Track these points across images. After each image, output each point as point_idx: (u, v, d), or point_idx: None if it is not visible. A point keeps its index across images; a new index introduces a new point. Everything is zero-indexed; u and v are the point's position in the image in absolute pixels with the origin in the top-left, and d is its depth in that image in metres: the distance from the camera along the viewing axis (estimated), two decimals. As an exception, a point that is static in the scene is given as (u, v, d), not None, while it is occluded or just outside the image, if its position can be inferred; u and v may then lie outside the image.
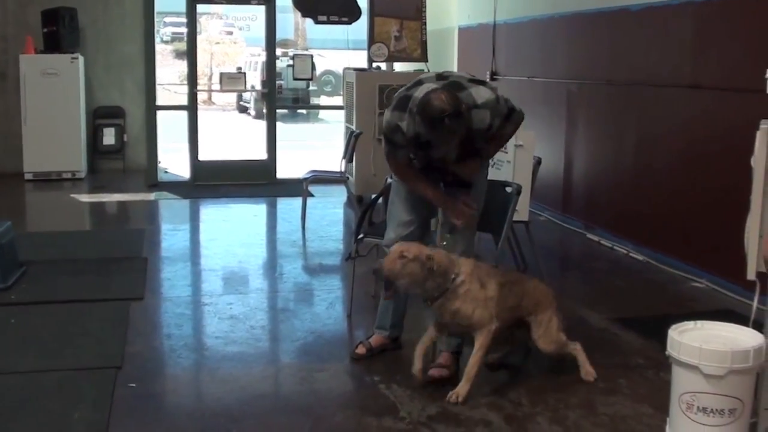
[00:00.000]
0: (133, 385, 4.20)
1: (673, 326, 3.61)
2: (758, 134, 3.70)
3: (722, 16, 6.13)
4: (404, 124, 4.11)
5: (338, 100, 17.13)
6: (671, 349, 3.53)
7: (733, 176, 5.45)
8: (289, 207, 9.17)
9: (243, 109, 21.77)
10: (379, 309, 4.70)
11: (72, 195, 9.81)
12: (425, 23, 9.82)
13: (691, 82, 6.45)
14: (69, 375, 4.29)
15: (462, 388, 4.06)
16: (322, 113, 21.66)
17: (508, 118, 4.28)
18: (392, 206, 4.55)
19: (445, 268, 3.99)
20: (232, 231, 8.07)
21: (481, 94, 4.12)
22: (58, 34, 10.55)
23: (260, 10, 11.08)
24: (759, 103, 5.28)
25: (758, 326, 3.64)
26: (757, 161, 3.76)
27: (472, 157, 4.32)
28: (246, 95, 20.57)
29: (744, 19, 5.90)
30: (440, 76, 4.29)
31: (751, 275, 3.87)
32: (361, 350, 4.61)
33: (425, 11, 9.81)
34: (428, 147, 4.18)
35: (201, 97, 21.38)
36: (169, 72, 21.99)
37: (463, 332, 4.27)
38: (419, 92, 4.09)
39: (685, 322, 3.67)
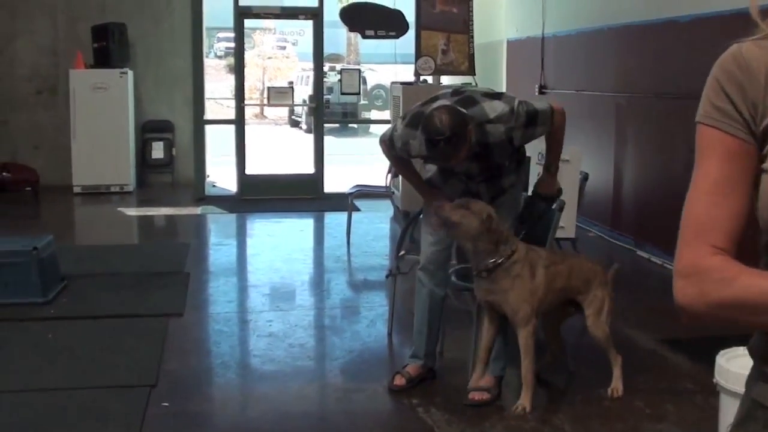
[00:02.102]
0: (167, 404, 4.16)
1: (722, 352, 3.46)
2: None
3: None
4: (415, 143, 4.03)
5: (389, 115, 17.14)
6: (719, 377, 3.38)
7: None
8: (335, 222, 9.13)
9: (295, 123, 21.86)
10: (414, 334, 4.57)
11: (119, 208, 9.89)
12: (472, 36, 9.72)
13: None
14: (102, 392, 4.27)
15: (525, 398, 4.02)
16: (373, 127, 21.66)
17: (532, 123, 4.15)
18: (423, 224, 4.48)
19: (501, 234, 3.96)
20: (277, 246, 8.04)
21: (494, 108, 4.02)
22: (108, 49, 10.66)
23: (309, 25, 11.09)
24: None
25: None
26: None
27: (498, 173, 4.26)
28: (298, 109, 20.64)
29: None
30: (456, 92, 4.21)
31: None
32: (400, 381, 4.41)
33: (473, 24, 9.72)
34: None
35: (253, 111, 21.58)
36: (222, 86, 22.16)
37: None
38: (430, 109, 4.00)
39: (734, 348, 3.51)
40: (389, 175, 8.39)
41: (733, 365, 3.35)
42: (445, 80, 10.21)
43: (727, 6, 6.39)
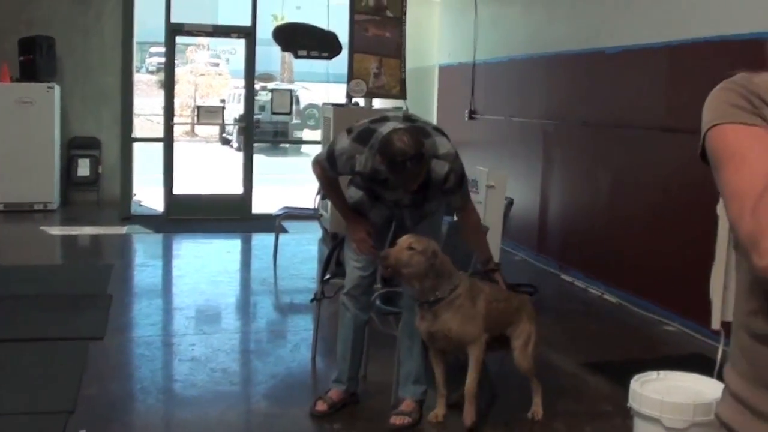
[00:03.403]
0: (84, 431, 4.08)
1: (636, 377, 3.54)
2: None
3: (696, 59, 6.12)
4: (362, 158, 4.07)
5: (320, 135, 17.10)
6: (633, 401, 3.46)
7: (705, 221, 5.40)
8: (262, 243, 9.08)
9: (226, 141, 21.74)
10: (337, 357, 4.57)
11: (42, 227, 9.70)
12: (404, 61, 9.80)
13: (665, 125, 6.42)
14: (19, 418, 4.18)
15: (468, 411, 4.08)
16: (305, 147, 21.65)
17: (461, 183, 4.22)
18: (347, 249, 4.49)
19: (446, 270, 4.02)
20: (203, 267, 7.96)
21: (443, 145, 4.11)
22: (35, 62, 10.48)
23: (242, 43, 11.04)
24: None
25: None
26: (722, 209, 3.70)
27: (425, 205, 4.31)
28: (229, 127, 20.55)
29: (718, 62, 5.89)
30: (408, 118, 4.25)
31: (715, 325, 3.81)
32: (322, 407, 4.40)
33: (405, 49, 9.80)
34: (384, 185, 4.15)
35: (183, 128, 21.37)
36: (154, 102, 21.95)
37: (454, 349, 4.18)
38: (384, 129, 4.04)
39: (648, 373, 3.60)
40: (318, 197, 8.38)
41: (646, 389, 3.43)
42: (377, 103, 10.27)
43: (653, 39, 6.57)
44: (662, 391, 3.42)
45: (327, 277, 5.15)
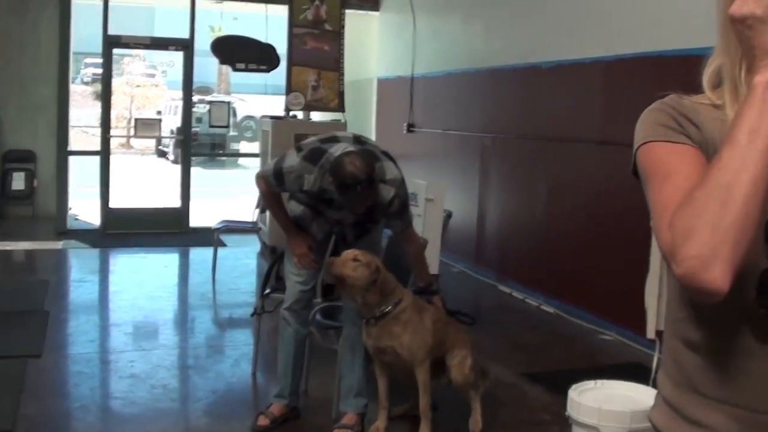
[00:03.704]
0: (22, 450, 4.04)
1: (574, 386, 3.61)
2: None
3: (630, 74, 6.26)
4: (311, 178, 4.09)
5: (258, 148, 16.95)
6: (571, 410, 3.53)
7: (640, 233, 5.51)
8: (200, 257, 9.01)
9: (162, 154, 21.52)
10: (278, 372, 4.58)
11: (-25, 242, 9.52)
12: (343, 74, 9.83)
13: (600, 138, 6.55)
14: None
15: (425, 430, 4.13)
16: (242, 159, 21.55)
17: (405, 208, 4.27)
18: (288, 263, 4.50)
19: (389, 286, 4.05)
20: (141, 282, 7.88)
21: (390, 170, 4.17)
22: (-32, 75, 10.30)
23: (179, 56, 10.98)
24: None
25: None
26: (656, 223, 3.80)
27: (368, 226, 4.38)
28: (166, 139, 20.37)
29: (651, 77, 6.03)
30: (358, 140, 4.29)
31: (650, 334, 3.91)
32: (263, 422, 4.41)
33: (343, 62, 9.83)
34: (329, 204, 4.18)
35: (119, 140, 21.11)
36: (88, 114, 21.66)
37: (402, 364, 4.20)
38: (335, 150, 4.07)
39: (585, 382, 3.67)
40: (257, 211, 8.36)
41: (584, 398, 3.50)
42: (315, 116, 10.28)
43: (587, 55, 6.70)
44: (600, 400, 3.50)
45: (267, 291, 5.15)
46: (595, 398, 3.53)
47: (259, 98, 21.25)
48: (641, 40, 6.12)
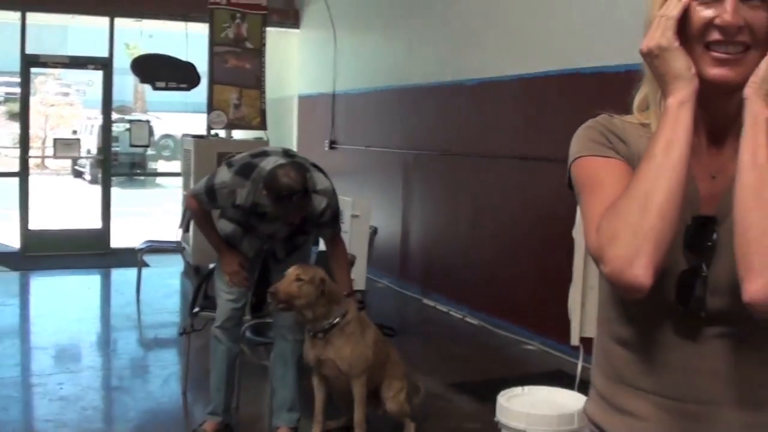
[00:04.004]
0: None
1: (502, 392, 3.72)
2: (578, 207, 3.87)
3: (549, 91, 6.45)
4: (243, 192, 4.14)
5: (177, 165, 16.80)
6: (500, 416, 3.63)
7: (562, 244, 5.67)
8: (123, 278, 8.90)
9: (78, 174, 21.16)
10: (211, 389, 4.60)
11: None
12: (264, 92, 9.86)
13: (521, 154, 6.72)
14: None
15: None
16: (161, 178, 21.34)
17: (336, 218, 4.36)
18: (218, 281, 4.54)
19: (335, 295, 4.13)
20: (64, 305, 7.77)
21: (321, 180, 4.26)
22: None
23: (98, 75, 10.86)
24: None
25: (584, 387, 3.78)
26: (578, 233, 3.95)
27: (297, 237, 4.46)
28: (82, 159, 20.03)
29: (569, 93, 6.22)
30: (287, 153, 4.36)
31: (575, 341, 4.04)
32: None
33: (265, 80, 9.87)
34: (262, 218, 4.24)
35: (35, 161, 20.68)
36: (1, 134, 21.19)
37: (336, 378, 4.26)
38: (266, 164, 4.14)
39: (513, 388, 3.78)
40: (180, 230, 8.33)
41: (513, 404, 3.62)
42: (237, 134, 10.29)
43: (508, 72, 6.87)
44: (527, 405, 3.62)
45: (196, 310, 5.16)
46: (522, 403, 3.64)
47: (176, 116, 21.08)
48: (560, 58, 6.31)
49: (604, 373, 1.58)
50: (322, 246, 4.88)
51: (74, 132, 19.96)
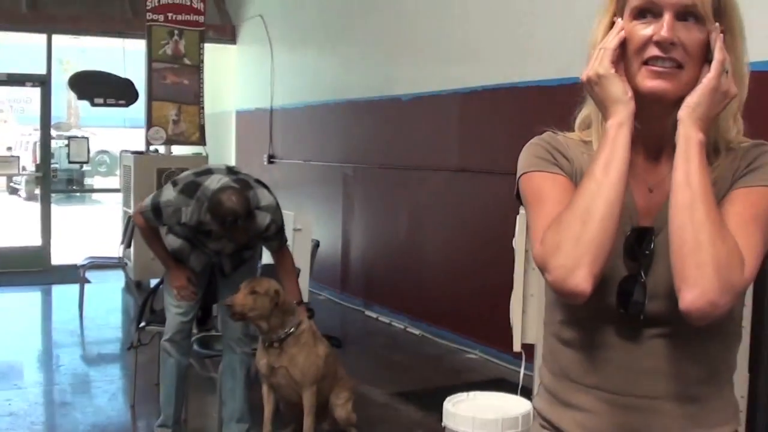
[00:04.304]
0: None
1: (448, 398, 3.84)
2: (518, 218, 4.05)
3: (484, 104, 6.63)
4: (188, 210, 4.22)
5: (113, 180, 16.67)
6: (446, 421, 3.75)
7: (500, 253, 5.81)
8: (65, 295, 8.86)
9: (14, 191, 20.84)
10: (161, 402, 4.66)
11: None
12: (203, 108, 9.91)
13: (458, 167, 6.88)
14: None
15: None
16: (100, 195, 21.14)
17: (281, 231, 4.47)
18: (167, 296, 4.61)
19: (289, 305, 4.26)
20: (5, 323, 7.72)
21: (265, 196, 4.34)
22: None
23: (36, 92, 10.80)
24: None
25: (526, 393, 3.95)
26: (517, 243, 4.11)
27: (247, 252, 4.58)
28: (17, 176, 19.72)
29: (504, 107, 6.41)
30: (231, 170, 4.45)
31: (516, 347, 4.19)
32: None
33: (203, 96, 9.92)
34: (208, 235, 4.32)
35: (-36, 178, 20.29)
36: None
37: (286, 387, 4.34)
38: (210, 182, 4.22)
39: (459, 394, 3.91)
40: (122, 246, 8.33)
41: (459, 409, 3.75)
42: (176, 150, 10.32)
43: (443, 87, 7.04)
44: (473, 410, 3.75)
45: (143, 324, 5.22)
46: (468, 408, 3.77)
47: (111, 132, 20.92)
48: (495, 73, 6.48)
49: (550, 371, 1.70)
50: (266, 259, 4.99)
51: (9, 149, 19.64)
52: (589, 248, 1.46)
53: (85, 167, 18.72)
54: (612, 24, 1.57)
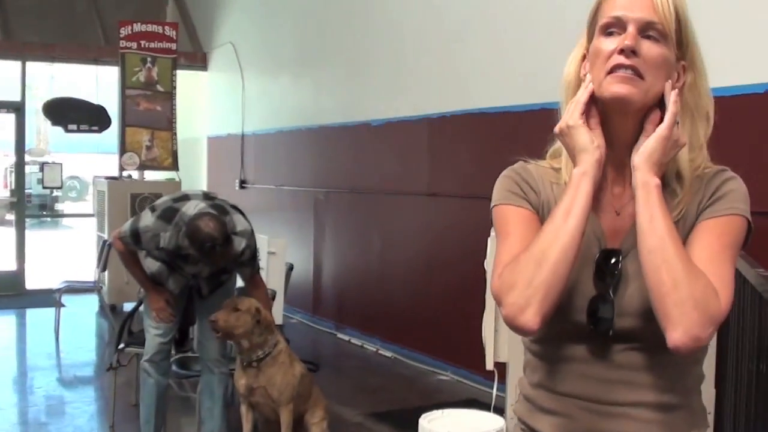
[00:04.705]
0: None
1: (423, 415, 3.96)
2: (489, 240, 4.20)
3: (454, 130, 6.77)
4: (166, 236, 4.34)
5: (84, 205, 16.64)
6: (421, 437, 3.89)
7: (471, 275, 5.91)
8: (40, 319, 8.88)
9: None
10: (141, 422, 4.74)
11: None
12: (176, 133, 10.03)
13: (428, 191, 7.02)
14: None
15: None
16: (70, 219, 21.07)
17: (255, 257, 4.60)
18: (146, 317, 4.72)
19: (269, 324, 4.40)
20: (-19, 346, 7.78)
21: (240, 222, 4.47)
22: None
23: (7, 118, 10.86)
24: (489, 210, 5.86)
25: (498, 411, 4.09)
26: (489, 264, 4.25)
27: (224, 275, 4.72)
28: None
29: (473, 132, 6.55)
30: (207, 196, 4.57)
31: (489, 366, 4.33)
32: None
33: (176, 122, 10.03)
34: (185, 260, 4.44)
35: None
36: None
37: (264, 406, 4.46)
38: (187, 208, 4.34)
39: (434, 411, 4.04)
40: (97, 270, 8.40)
41: (435, 425, 3.88)
42: (149, 175, 10.41)
43: (413, 113, 7.18)
44: (448, 425, 3.88)
45: (122, 346, 5.31)
46: (444, 424, 3.90)
47: (80, 157, 20.87)
48: (464, 99, 6.63)
49: (529, 382, 1.84)
50: (240, 282, 5.12)
51: (-21, 175, 19.56)
52: (539, 290, 1.58)
53: (57, 192, 18.70)
54: (584, 57, 1.71)
